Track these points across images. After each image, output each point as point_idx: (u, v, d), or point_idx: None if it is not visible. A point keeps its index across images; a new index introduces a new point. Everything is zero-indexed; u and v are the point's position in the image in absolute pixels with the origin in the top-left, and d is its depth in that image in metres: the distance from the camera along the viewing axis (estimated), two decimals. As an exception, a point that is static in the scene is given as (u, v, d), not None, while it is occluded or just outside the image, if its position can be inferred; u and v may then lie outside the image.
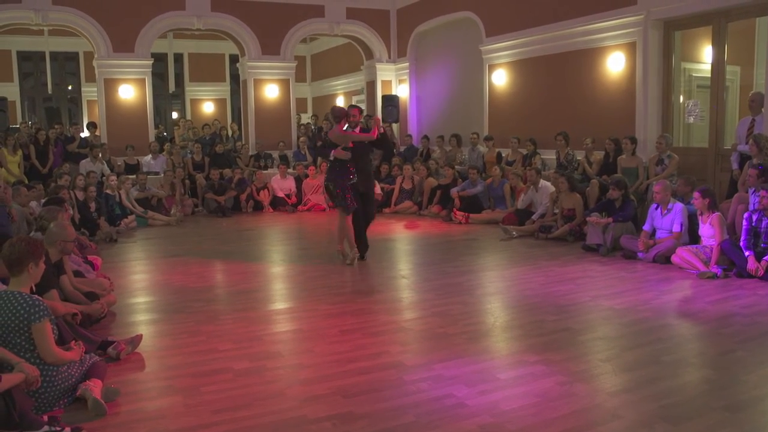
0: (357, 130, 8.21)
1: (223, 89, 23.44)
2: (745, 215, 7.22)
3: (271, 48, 15.76)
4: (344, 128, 8.02)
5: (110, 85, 14.52)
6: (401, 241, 10.05)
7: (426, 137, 15.14)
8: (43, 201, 8.56)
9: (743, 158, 8.55)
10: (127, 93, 14.61)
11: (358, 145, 7.99)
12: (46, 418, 3.61)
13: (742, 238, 7.13)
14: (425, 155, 14.60)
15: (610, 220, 8.47)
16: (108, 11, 14.19)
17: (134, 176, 12.51)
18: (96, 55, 14.48)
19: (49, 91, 21.57)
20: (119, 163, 13.74)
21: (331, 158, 7.97)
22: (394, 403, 3.83)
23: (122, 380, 4.22)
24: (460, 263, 7.94)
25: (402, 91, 16.93)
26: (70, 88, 22.68)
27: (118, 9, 14.27)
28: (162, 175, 13.08)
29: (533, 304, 5.98)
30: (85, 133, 15.36)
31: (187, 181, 13.50)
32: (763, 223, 7.01)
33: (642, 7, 10.23)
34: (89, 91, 20.05)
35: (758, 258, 6.91)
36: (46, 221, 5.92)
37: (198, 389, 4.08)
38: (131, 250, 9.37)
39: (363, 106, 18.51)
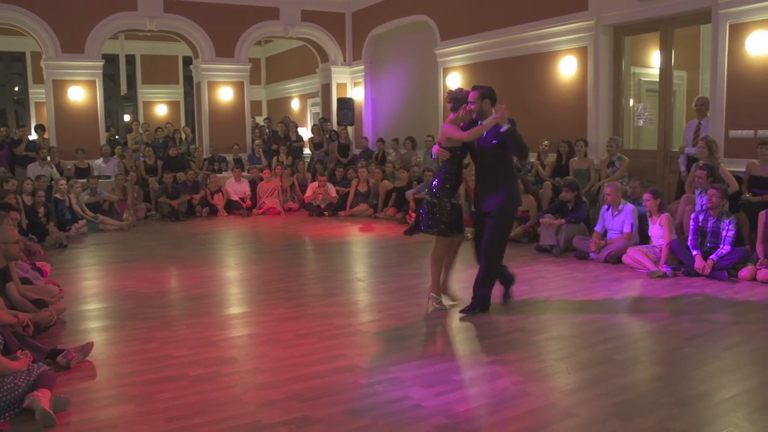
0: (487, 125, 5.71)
1: (177, 92, 23.07)
2: (692, 216, 7.43)
3: (225, 50, 15.60)
4: (453, 121, 5.88)
5: (59, 87, 14.16)
6: (357, 244, 10.04)
7: (381, 140, 15.19)
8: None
9: (690, 160, 8.79)
10: (77, 95, 14.27)
11: (472, 146, 5.83)
12: (-9, 430, 3.51)
13: (690, 237, 7.33)
14: (380, 158, 14.65)
15: (563, 221, 8.61)
16: (56, 11, 13.84)
17: (85, 180, 12.25)
18: (44, 56, 14.12)
19: (-6, 92, 21.01)
20: (69, 167, 13.43)
21: (433, 157, 6.05)
22: (351, 407, 3.82)
23: (72, 389, 4.13)
24: (416, 265, 7.96)
25: (357, 93, 16.93)
26: (16, 89, 22.07)
27: (67, 8, 13.93)
28: (114, 178, 12.84)
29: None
30: (33, 136, 14.98)
31: (140, 185, 13.27)
32: (709, 223, 7.22)
33: (593, 12, 10.42)
34: (37, 93, 19.52)
35: (705, 257, 7.11)
36: (-12, 227, 5.74)
37: (151, 397, 4.02)
38: (82, 256, 9.17)
39: (318, 109, 18.52)
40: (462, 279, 6.66)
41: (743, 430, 3.51)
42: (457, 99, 5.88)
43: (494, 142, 5.62)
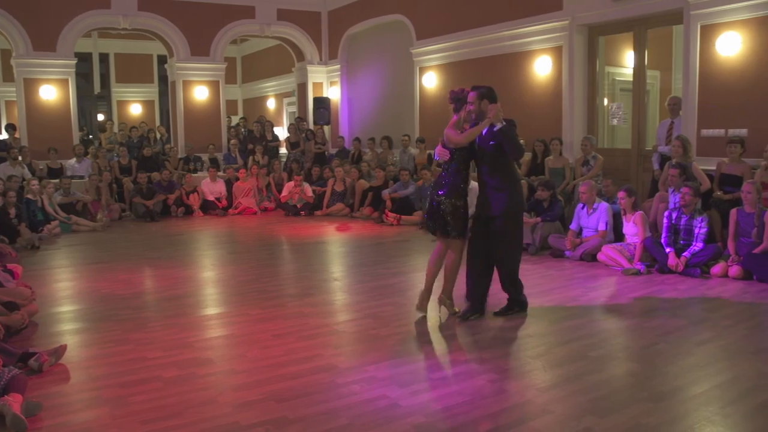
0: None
1: (152, 91, 22.85)
2: (666, 213, 7.52)
3: (200, 49, 15.48)
4: (455, 123, 5.66)
5: (30, 86, 13.96)
6: (333, 244, 10.03)
7: (357, 139, 15.17)
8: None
9: (663, 159, 8.90)
10: (49, 94, 14.08)
11: (472, 148, 5.62)
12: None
13: (663, 235, 7.42)
14: (356, 157, 14.64)
15: (539, 219, 8.67)
16: (27, 8, 13.64)
17: (57, 180, 12.09)
18: (14, 54, 13.91)
19: (-37, 91, 20.56)
20: (41, 167, 13.25)
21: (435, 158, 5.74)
22: (328, 407, 3.81)
23: (45, 393, 4.06)
24: (392, 265, 7.98)
25: (333, 93, 16.91)
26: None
27: (38, 5, 13.73)
28: (87, 179, 12.68)
29: (464, 304, 6.04)
30: (4, 136, 14.76)
31: (114, 186, 13.14)
32: (682, 221, 7.31)
33: (567, 12, 10.51)
34: (7, 91, 19.22)
35: (678, 254, 7.21)
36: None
37: (126, 399, 3.97)
38: (55, 258, 9.04)
39: (294, 109, 18.46)
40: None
41: (716, 424, 3.56)
42: (458, 99, 5.68)
43: (492, 143, 5.46)
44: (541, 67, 11.10)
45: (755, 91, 8.30)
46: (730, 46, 8.45)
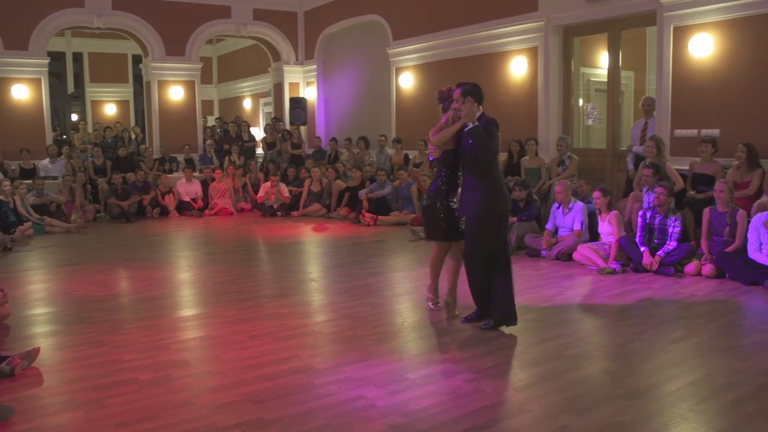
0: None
1: (126, 90, 22.62)
2: (640, 213, 7.61)
3: (175, 49, 15.37)
4: (444, 123, 5.60)
5: (2, 85, 13.76)
6: (310, 244, 10.00)
7: (334, 140, 15.16)
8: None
9: (638, 159, 8.99)
10: (21, 93, 13.89)
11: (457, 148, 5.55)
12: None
13: (638, 234, 7.50)
14: (333, 158, 14.62)
15: (515, 219, 8.72)
16: (-2, 7, 13.47)
17: (30, 181, 11.92)
18: (-16, 53, 13.72)
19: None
20: (13, 168, 13.07)
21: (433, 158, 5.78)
22: (305, 407, 3.80)
23: (17, 397, 4.01)
24: (369, 265, 7.98)
25: (310, 93, 16.87)
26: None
27: (10, 4, 13.54)
28: (61, 179, 12.53)
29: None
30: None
31: (88, 186, 12.99)
32: (657, 220, 7.40)
33: (543, 13, 10.58)
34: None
35: (652, 253, 7.29)
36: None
37: (101, 402, 3.92)
38: (27, 259, 8.92)
39: (270, 109, 18.38)
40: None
41: (689, 421, 3.60)
42: (446, 98, 5.60)
43: (470, 142, 5.33)
44: (517, 68, 11.16)
45: (727, 92, 8.41)
46: (703, 47, 8.56)
